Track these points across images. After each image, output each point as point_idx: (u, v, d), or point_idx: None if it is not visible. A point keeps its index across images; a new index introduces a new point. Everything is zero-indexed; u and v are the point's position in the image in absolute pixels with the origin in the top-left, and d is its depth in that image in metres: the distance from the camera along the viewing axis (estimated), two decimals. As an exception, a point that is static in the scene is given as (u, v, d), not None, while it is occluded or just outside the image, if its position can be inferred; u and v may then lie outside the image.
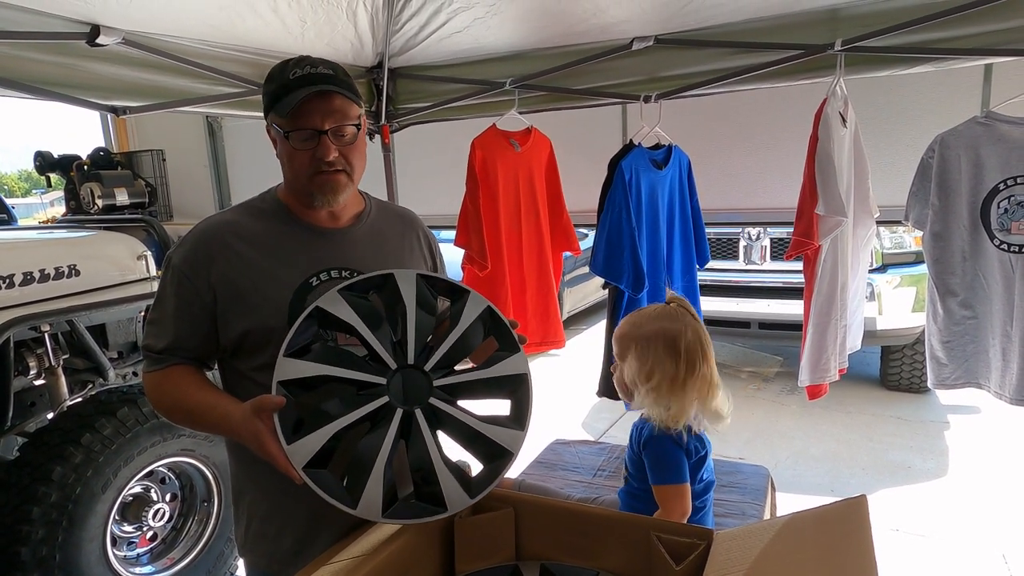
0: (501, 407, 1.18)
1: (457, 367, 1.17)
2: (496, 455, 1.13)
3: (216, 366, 1.29)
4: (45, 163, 3.92)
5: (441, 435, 1.13)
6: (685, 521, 1.37)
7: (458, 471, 1.11)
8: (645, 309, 1.49)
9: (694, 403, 1.40)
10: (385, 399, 1.08)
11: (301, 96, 1.13)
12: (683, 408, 1.39)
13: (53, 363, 2.44)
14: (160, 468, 2.46)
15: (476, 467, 1.17)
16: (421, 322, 1.13)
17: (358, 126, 1.20)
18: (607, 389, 2.48)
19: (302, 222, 1.25)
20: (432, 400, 1.11)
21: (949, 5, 1.83)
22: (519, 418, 1.15)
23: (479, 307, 1.17)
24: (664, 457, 1.39)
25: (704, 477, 1.47)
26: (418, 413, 1.10)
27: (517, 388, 1.16)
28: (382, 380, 1.09)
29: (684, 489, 1.38)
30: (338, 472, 1.06)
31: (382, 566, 1.09)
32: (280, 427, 1.02)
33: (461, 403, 1.14)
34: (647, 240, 2.38)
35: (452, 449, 1.14)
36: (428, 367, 1.12)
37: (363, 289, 1.15)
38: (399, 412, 1.08)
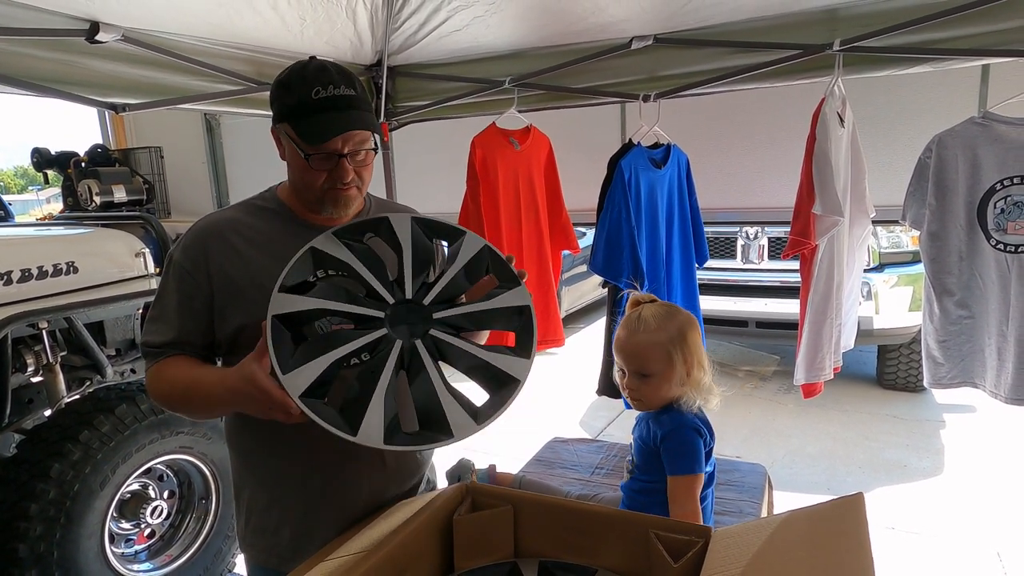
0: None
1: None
2: (503, 383, 1.09)
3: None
4: (42, 160, 3.90)
5: (445, 368, 1.10)
6: (700, 514, 1.39)
7: (463, 398, 1.08)
8: (643, 315, 1.48)
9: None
10: (384, 331, 1.07)
11: (329, 130, 1.12)
12: (711, 382, 1.46)
13: (51, 360, 2.44)
14: (158, 465, 2.46)
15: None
16: (418, 260, 1.12)
17: (374, 148, 1.21)
18: (607, 387, 2.49)
19: (302, 220, 1.26)
20: (433, 331, 1.09)
21: (947, 6, 1.83)
22: (524, 347, 1.13)
23: (476, 245, 1.16)
24: (685, 446, 1.40)
25: (708, 470, 1.48)
26: (419, 344, 1.08)
27: (520, 319, 1.14)
28: (380, 314, 1.08)
29: (699, 480, 1.40)
30: (336, 406, 1.04)
31: (381, 562, 1.09)
32: (275, 360, 0.99)
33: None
34: (646, 239, 2.39)
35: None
36: (427, 301, 1.11)
37: (358, 233, 1.15)
38: (399, 343, 1.07)
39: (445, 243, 1.19)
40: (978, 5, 1.79)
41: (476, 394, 1.12)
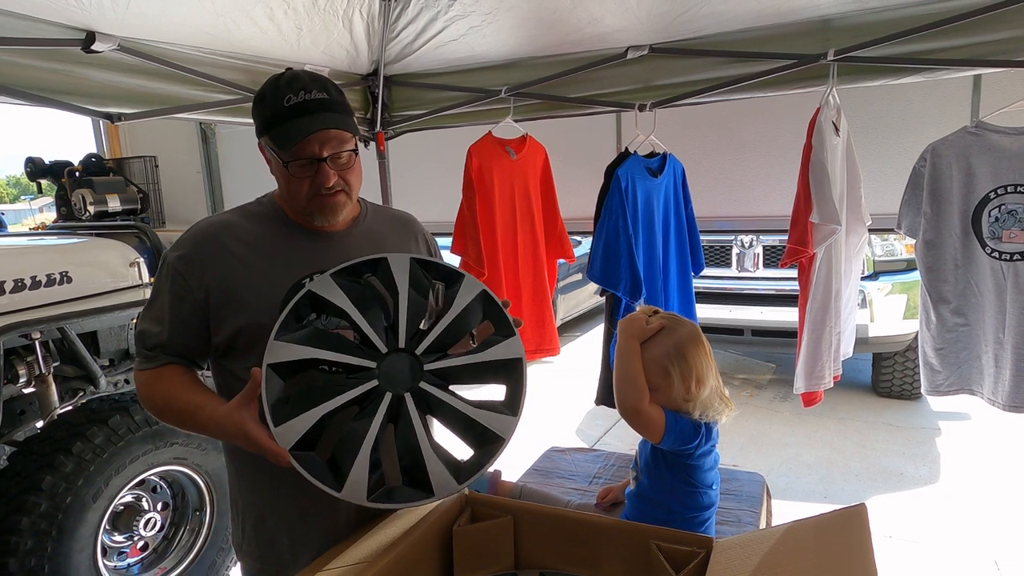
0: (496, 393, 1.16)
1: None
2: (487, 441, 1.11)
3: (208, 367, 1.29)
4: (36, 169, 3.88)
5: (433, 421, 1.12)
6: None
7: (447, 457, 1.09)
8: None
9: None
10: (374, 383, 1.08)
11: (301, 132, 1.11)
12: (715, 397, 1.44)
13: (44, 371, 2.41)
14: (152, 477, 2.44)
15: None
16: (414, 306, 1.12)
17: (354, 149, 1.20)
18: (606, 397, 2.48)
19: (297, 225, 1.26)
20: (422, 384, 1.10)
21: (939, 17, 1.85)
22: (512, 403, 1.13)
23: (474, 291, 1.15)
24: (675, 424, 1.41)
25: (712, 485, 1.48)
26: (407, 397, 1.09)
27: (511, 373, 1.15)
28: (372, 364, 1.09)
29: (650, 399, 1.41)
30: (325, 456, 1.06)
31: (380, 574, 1.08)
32: (268, 410, 1.02)
33: (454, 388, 1.13)
34: (643, 247, 2.39)
35: (444, 435, 1.13)
36: (419, 351, 1.11)
37: (356, 273, 1.14)
38: (388, 396, 1.08)
39: (443, 285, 1.19)
40: (969, 16, 1.81)
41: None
